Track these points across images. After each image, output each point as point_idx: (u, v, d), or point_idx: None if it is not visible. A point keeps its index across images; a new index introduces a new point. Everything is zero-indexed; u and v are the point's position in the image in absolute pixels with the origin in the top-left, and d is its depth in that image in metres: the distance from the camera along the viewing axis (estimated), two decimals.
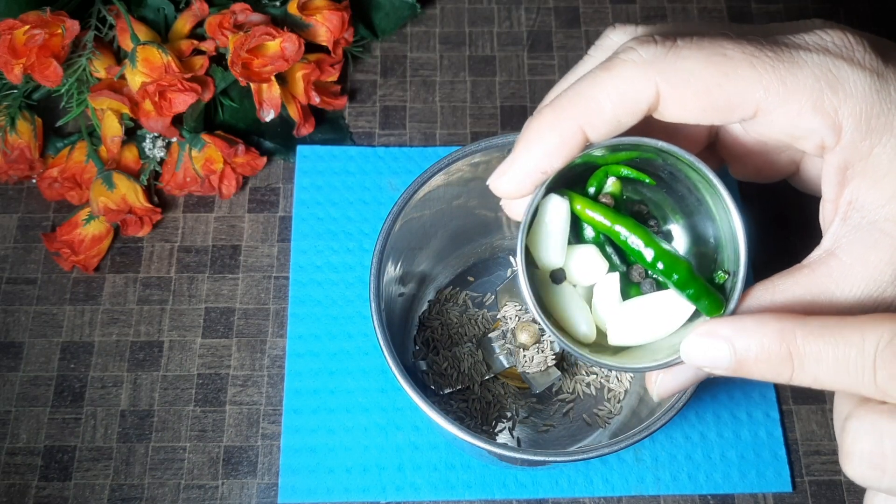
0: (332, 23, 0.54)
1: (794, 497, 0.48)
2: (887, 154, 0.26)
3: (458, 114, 0.58)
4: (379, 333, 0.39)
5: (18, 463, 0.48)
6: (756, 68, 0.26)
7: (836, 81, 0.26)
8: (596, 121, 0.28)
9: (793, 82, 0.26)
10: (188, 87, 0.50)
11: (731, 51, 0.26)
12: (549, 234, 0.31)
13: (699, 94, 0.27)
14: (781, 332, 0.26)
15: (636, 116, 0.28)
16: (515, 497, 0.47)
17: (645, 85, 0.27)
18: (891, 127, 0.26)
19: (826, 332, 0.25)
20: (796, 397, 0.50)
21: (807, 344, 0.25)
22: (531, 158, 0.28)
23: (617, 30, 0.31)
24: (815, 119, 0.26)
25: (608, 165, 0.31)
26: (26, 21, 0.49)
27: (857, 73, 0.26)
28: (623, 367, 0.31)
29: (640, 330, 0.31)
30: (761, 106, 0.27)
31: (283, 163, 0.56)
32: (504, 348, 0.46)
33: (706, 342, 0.27)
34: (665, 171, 0.32)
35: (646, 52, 0.27)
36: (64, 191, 0.53)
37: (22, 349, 0.50)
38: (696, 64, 0.26)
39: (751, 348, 0.26)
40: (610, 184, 0.32)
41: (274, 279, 0.53)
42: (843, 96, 0.26)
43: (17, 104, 0.53)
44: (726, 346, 0.27)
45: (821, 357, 0.25)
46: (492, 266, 0.52)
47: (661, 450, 0.48)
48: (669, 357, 0.30)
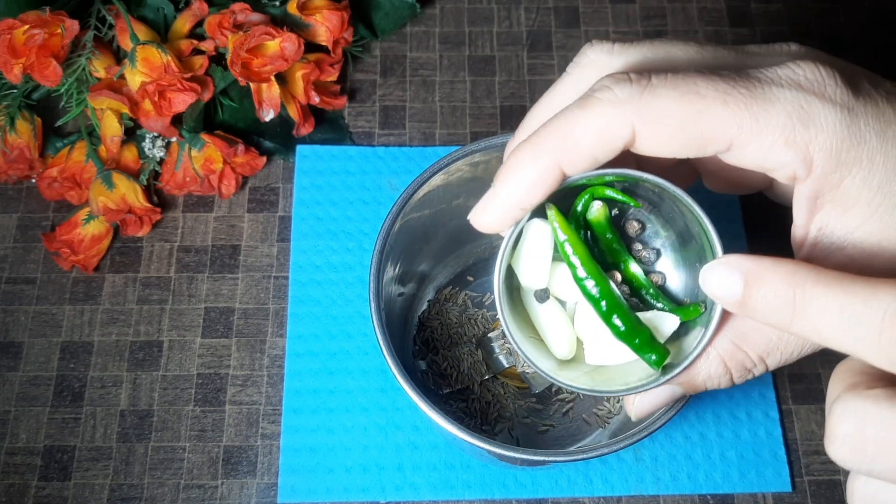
0: (332, 22, 0.54)
1: (794, 497, 0.48)
2: (856, 185, 0.27)
3: (458, 114, 0.58)
4: (378, 333, 0.39)
5: (18, 463, 0.48)
6: (729, 106, 0.27)
7: (807, 117, 0.27)
8: (573, 157, 0.28)
9: (765, 119, 0.27)
10: (188, 86, 0.50)
11: (704, 88, 0.27)
12: (532, 256, 0.32)
13: (674, 132, 0.27)
14: (793, 275, 0.26)
15: (612, 153, 0.28)
16: (515, 497, 0.47)
17: (621, 123, 0.28)
18: (859, 160, 0.27)
19: (836, 283, 0.25)
20: (796, 397, 0.50)
21: (815, 291, 0.25)
22: (510, 195, 0.29)
23: (594, 47, 0.31)
24: (788, 153, 0.27)
25: (594, 187, 0.31)
26: (26, 21, 0.49)
27: (827, 109, 0.27)
28: (596, 390, 0.31)
29: (616, 350, 0.31)
30: (735, 141, 0.27)
31: (283, 162, 0.56)
32: (504, 348, 0.46)
33: (722, 271, 0.27)
34: (652, 193, 0.32)
35: (621, 92, 0.27)
36: (63, 190, 0.53)
37: (21, 349, 0.50)
38: (670, 103, 0.27)
39: (760, 286, 0.26)
40: (595, 209, 0.32)
41: (273, 279, 0.53)
42: (815, 131, 0.27)
43: (16, 104, 0.53)
44: (739, 278, 0.27)
45: (826, 308, 0.25)
46: (491, 266, 0.52)
47: (661, 450, 0.48)
48: (642, 381, 0.30)
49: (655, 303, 0.32)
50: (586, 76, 0.31)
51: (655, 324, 0.31)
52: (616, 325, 0.30)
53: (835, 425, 0.25)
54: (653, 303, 0.32)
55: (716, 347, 0.30)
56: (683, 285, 0.33)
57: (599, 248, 0.33)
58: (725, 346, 0.30)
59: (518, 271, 0.32)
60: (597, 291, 0.30)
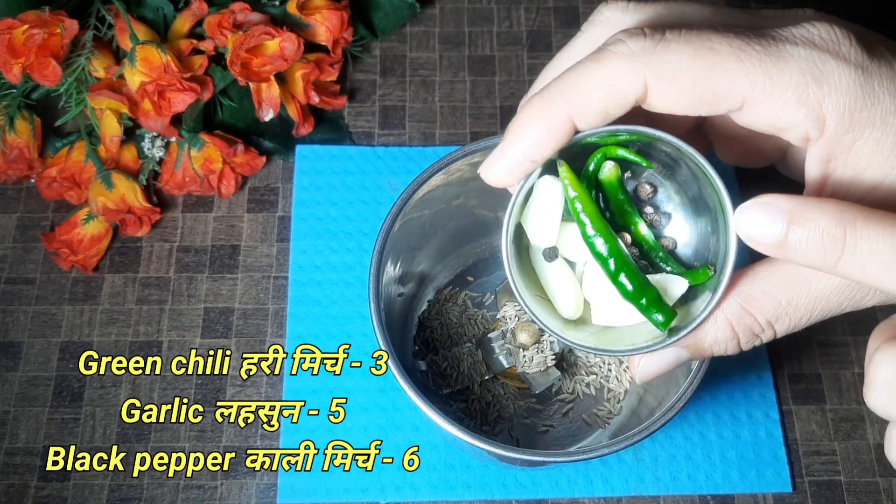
0: (332, 22, 0.54)
1: (794, 497, 0.48)
2: (869, 147, 0.27)
3: (458, 113, 0.58)
4: (378, 333, 0.39)
5: (17, 463, 0.47)
6: (743, 62, 0.27)
7: (821, 76, 0.26)
8: (584, 110, 0.28)
9: (779, 76, 0.26)
10: (187, 86, 0.50)
11: (718, 44, 0.27)
12: (542, 213, 0.31)
13: (686, 87, 0.27)
14: (842, 214, 0.25)
15: (624, 108, 0.28)
16: (515, 497, 0.47)
17: (633, 77, 0.27)
18: (873, 121, 0.27)
19: (887, 222, 0.25)
20: (796, 398, 0.50)
21: (866, 230, 0.25)
22: (520, 147, 0.29)
23: (609, 5, 0.31)
24: (800, 112, 0.27)
25: (607, 147, 0.31)
26: (25, 20, 0.49)
27: (842, 68, 0.26)
28: (601, 349, 0.31)
29: (623, 311, 0.31)
30: (747, 99, 0.27)
31: (283, 162, 0.56)
32: (504, 348, 0.46)
33: (762, 210, 0.26)
34: (666, 156, 0.32)
35: (634, 45, 0.27)
36: (63, 190, 0.53)
37: (21, 349, 0.50)
38: (683, 58, 0.27)
39: (806, 224, 0.26)
40: (607, 169, 0.32)
41: (273, 279, 0.53)
42: (828, 90, 0.26)
43: (15, 104, 0.53)
44: (782, 217, 0.26)
45: (876, 247, 0.25)
46: (491, 266, 0.52)
47: (661, 450, 0.48)
48: (648, 342, 0.30)
49: (664, 266, 0.32)
50: (600, 33, 0.31)
51: (664, 286, 0.31)
52: (623, 285, 0.30)
53: (874, 372, 0.25)
54: (662, 266, 0.32)
55: (724, 311, 0.29)
56: (694, 251, 0.32)
57: (610, 210, 0.32)
58: (733, 309, 0.29)
59: (527, 228, 0.32)
60: (605, 250, 0.30)
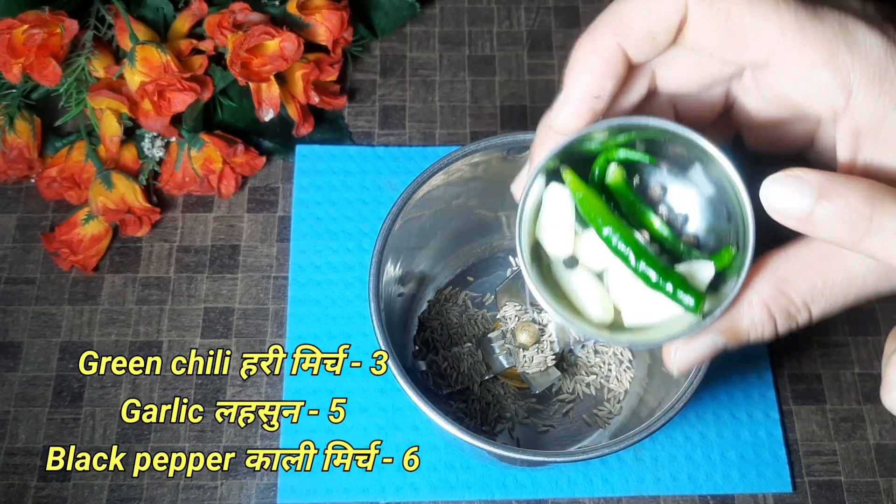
0: (332, 22, 0.54)
1: (794, 497, 0.48)
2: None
3: (458, 113, 0.58)
4: (378, 333, 0.39)
5: (17, 463, 0.47)
6: (780, 9, 0.27)
7: (853, 41, 0.26)
8: (631, 37, 0.29)
9: (811, 31, 0.27)
10: (187, 86, 0.50)
11: None
12: (555, 222, 0.31)
13: (720, 19, 0.27)
14: (871, 192, 0.25)
15: (668, 31, 0.28)
16: (515, 497, 0.47)
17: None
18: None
19: None
20: (797, 398, 0.50)
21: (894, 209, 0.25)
22: (580, 85, 0.29)
23: None
24: (826, 73, 0.27)
25: (608, 151, 0.31)
26: (25, 20, 0.49)
27: (875, 37, 0.26)
28: (638, 341, 0.31)
29: (653, 307, 0.31)
30: (775, 49, 0.27)
31: (283, 162, 0.56)
32: (504, 348, 0.46)
33: (791, 183, 0.26)
34: (679, 157, 0.31)
35: None
36: (63, 190, 0.53)
37: (21, 349, 0.50)
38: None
39: (835, 199, 0.25)
40: (612, 172, 0.31)
41: (273, 279, 0.53)
42: (858, 56, 0.26)
43: (15, 104, 0.53)
44: (811, 191, 0.26)
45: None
46: (491, 266, 0.52)
47: (661, 450, 0.48)
48: (683, 330, 0.29)
49: (687, 258, 0.31)
50: None
51: (691, 273, 0.30)
52: (646, 274, 0.30)
53: (892, 373, 0.25)
54: (685, 258, 0.31)
55: (759, 293, 0.28)
56: (715, 241, 0.32)
57: (622, 213, 0.32)
58: (768, 290, 0.28)
59: (542, 240, 0.32)
60: (622, 243, 0.30)
